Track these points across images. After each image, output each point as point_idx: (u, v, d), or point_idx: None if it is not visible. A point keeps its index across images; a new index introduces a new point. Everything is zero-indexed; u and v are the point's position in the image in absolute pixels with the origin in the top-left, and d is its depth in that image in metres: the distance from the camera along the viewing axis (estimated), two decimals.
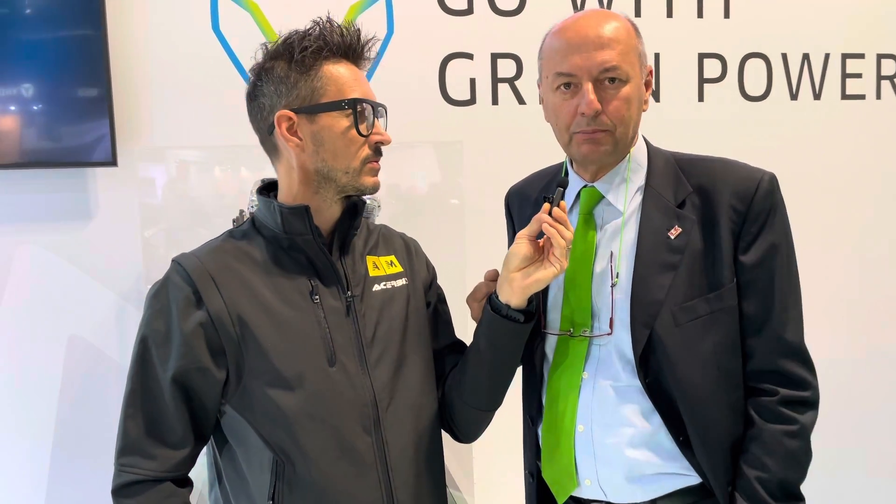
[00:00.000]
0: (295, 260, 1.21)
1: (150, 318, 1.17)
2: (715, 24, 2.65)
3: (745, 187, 1.25)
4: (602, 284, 1.28)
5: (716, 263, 1.23)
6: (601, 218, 1.32)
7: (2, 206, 2.13)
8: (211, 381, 1.16)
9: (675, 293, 1.22)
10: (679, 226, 1.25)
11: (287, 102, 1.18)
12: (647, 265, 1.24)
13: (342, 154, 1.19)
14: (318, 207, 1.22)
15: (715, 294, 1.23)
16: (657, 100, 2.63)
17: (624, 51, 1.21)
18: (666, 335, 1.22)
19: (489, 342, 1.28)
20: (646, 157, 1.32)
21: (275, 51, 1.20)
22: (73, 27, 2.09)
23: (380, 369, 1.23)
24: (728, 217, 1.23)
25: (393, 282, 1.30)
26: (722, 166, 1.30)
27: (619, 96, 1.21)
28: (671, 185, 1.28)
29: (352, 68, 1.22)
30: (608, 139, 1.24)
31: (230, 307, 1.15)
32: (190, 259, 1.19)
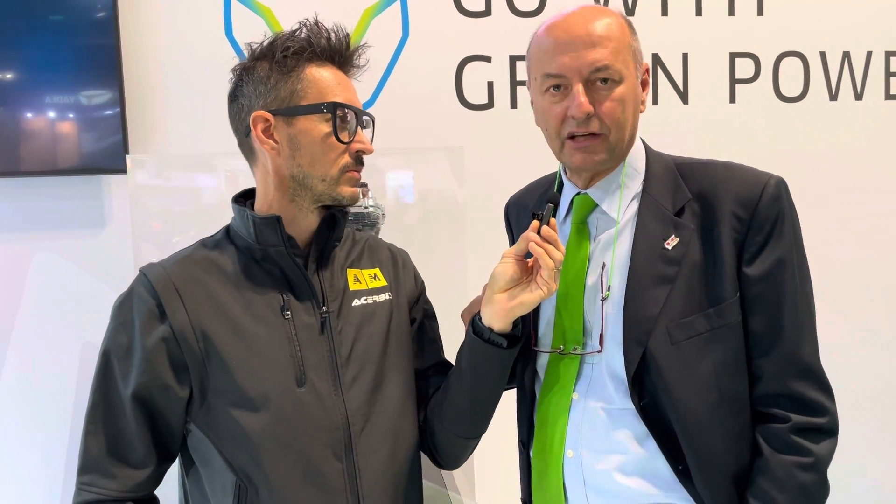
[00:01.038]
0: (268, 272, 1.16)
1: (112, 331, 1.13)
2: (747, 21, 2.53)
3: (748, 193, 1.14)
4: (594, 299, 1.19)
5: (717, 276, 1.14)
6: (595, 227, 1.23)
7: (17, 213, 2.15)
8: (173, 399, 1.11)
9: (671, 308, 1.13)
10: (676, 235, 1.16)
11: (265, 103, 1.13)
12: (641, 278, 1.15)
13: (319, 160, 1.13)
14: (294, 217, 1.16)
15: (715, 309, 1.13)
16: (685, 101, 2.52)
17: (616, 48, 1.13)
18: (661, 354, 1.12)
19: (470, 366, 1.21)
20: (643, 161, 1.23)
21: (259, 51, 1.16)
22: (88, 36, 2.10)
23: (355, 390, 1.16)
24: (730, 225, 1.14)
25: (375, 296, 1.23)
26: (724, 171, 1.19)
27: (613, 97, 1.13)
28: (669, 192, 1.19)
29: (337, 73, 1.16)
30: (602, 146, 1.16)
31: (194, 322, 1.10)
32: (155, 270, 1.14)
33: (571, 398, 1.19)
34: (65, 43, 2.09)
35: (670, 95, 2.51)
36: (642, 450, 1.15)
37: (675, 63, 2.51)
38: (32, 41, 2.08)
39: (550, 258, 1.11)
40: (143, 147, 2.18)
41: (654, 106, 2.51)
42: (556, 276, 1.13)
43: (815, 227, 2.21)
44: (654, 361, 1.13)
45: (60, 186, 2.15)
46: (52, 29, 2.09)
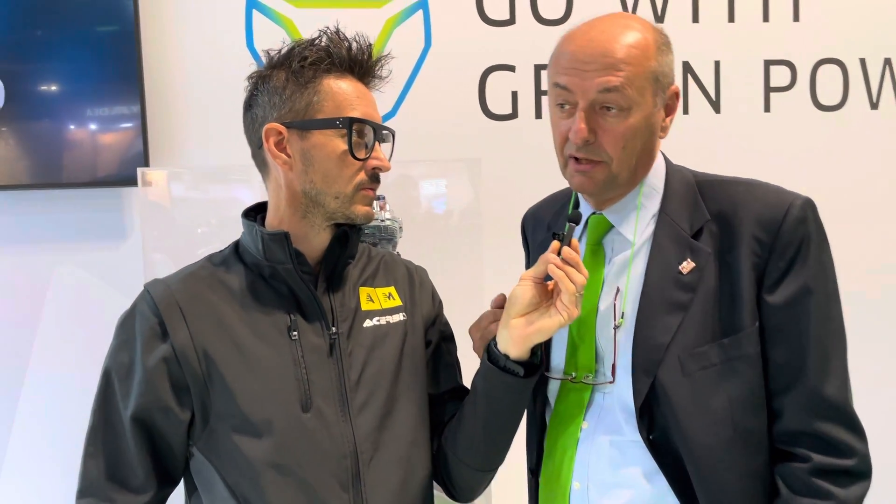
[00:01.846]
0: (275, 291, 1.11)
1: (114, 350, 1.09)
2: (783, 27, 2.44)
3: (770, 214, 1.07)
4: (607, 325, 1.12)
5: (734, 303, 1.06)
6: (611, 248, 1.16)
7: (38, 225, 2.16)
8: (174, 422, 1.07)
9: (683, 337, 1.06)
10: (692, 259, 1.09)
11: (279, 115, 1.08)
12: (653, 303, 1.09)
13: (333, 177, 1.08)
14: (305, 234, 1.11)
15: (732, 339, 1.06)
16: (717, 111, 2.44)
17: (633, 74, 1.04)
18: (671, 385, 1.06)
19: (485, 395, 1.14)
20: (663, 179, 1.16)
21: (276, 59, 1.11)
22: (109, 48, 2.09)
23: (364, 416, 1.10)
24: (750, 249, 1.06)
25: (388, 317, 1.17)
26: (746, 190, 1.12)
27: (619, 128, 1.06)
28: (687, 212, 1.12)
29: (357, 85, 1.11)
30: (602, 173, 1.09)
31: (196, 341, 1.06)
32: (159, 287, 1.10)
33: (581, 428, 1.13)
34: (85, 54, 2.09)
35: (702, 105, 2.43)
36: (651, 486, 1.08)
37: (706, 71, 2.43)
38: (53, 53, 2.08)
39: (572, 281, 1.04)
40: (164, 159, 2.17)
41: (684, 115, 2.43)
42: (579, 301, 1.06)
43: (854, 245, 2.14)
44: (665, 393, 1.06)
45: (81, 199, 2.15)
46: (73, 40, 2.09)
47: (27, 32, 2.07)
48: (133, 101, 2.10)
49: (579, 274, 1.05)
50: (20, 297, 2.17)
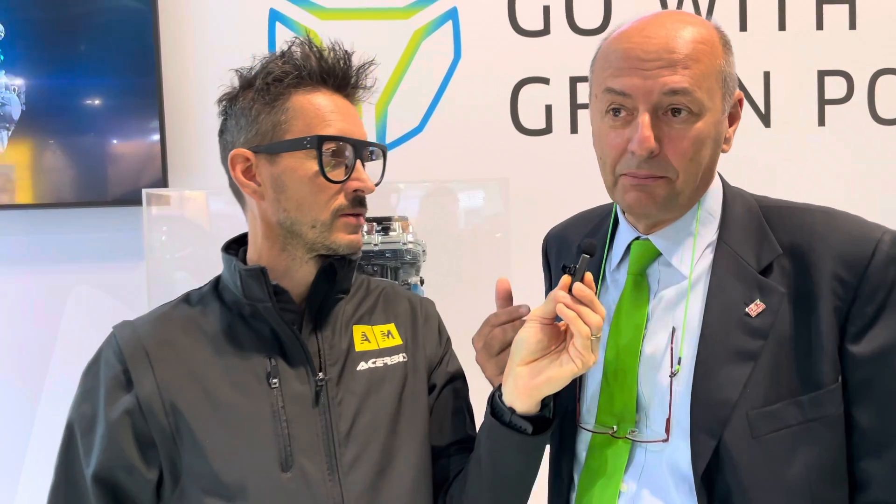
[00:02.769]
0: (256, 333, 0.99)
1: (77, 400, 0.99)
2: (838, 36, 2.28)
3: (855, 251, 0.92)
4: (652, 370, 0.97)
5: (812, 354, 0.91)
6: (657, 281, 1.01)
7: (57, 244, 2.11)
8: (140, 481, 0.95)
9: (753, 392, 0.91)
10: (762, 300, 0.93)
11: (247, 139, 0.98)
12: (716, 351, 0.93)
13: (308, 204, 0.97)
14: (287, 268, 1.00)
15: (811, 397, 0.91)
16: (767, 125, 2.28)
17: (703, 73, 0.90)
18: (738, 449, 0.90)
19: (489, 453, 1.01)
20: (720, 203, 1.00)
21: (245, 79, 1.00)
22: (128, 62, 2.04)
23: (356, 474, 0.97)
24: (831, 291, 0.91)
25: (386, 358, 1.05)
26: (825, 220, 0.96)
27: (688, 135, 0.90)
28: (753, 243, 0.97)
29: (333, 99, 0.99)
30: (664, 189, 0.93)
31: (163, 392, 0.95)
32: (126, 330, 0.99)
33: (620, 489, 0.97)
34: (104, 69, 2.04)
35: (750, 118, 2.28)
36: None
37: (755, 83, 2.28)
38: (72, 69, 2.03)
39: (586, 323, 0.90)
40: (183, 176, 2.10)
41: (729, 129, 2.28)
42: (595, 346, 0.92)
43: None
44: (730, 458, 0.90)
45: (101, 217, 2.09)
46: (93, 56, 2.04)
47: (48, 48, 2.02)
48: (152, 117, 2.04)
49: (595, 314, 0.91)
50: (37, 316, 2.12)
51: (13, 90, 2.00)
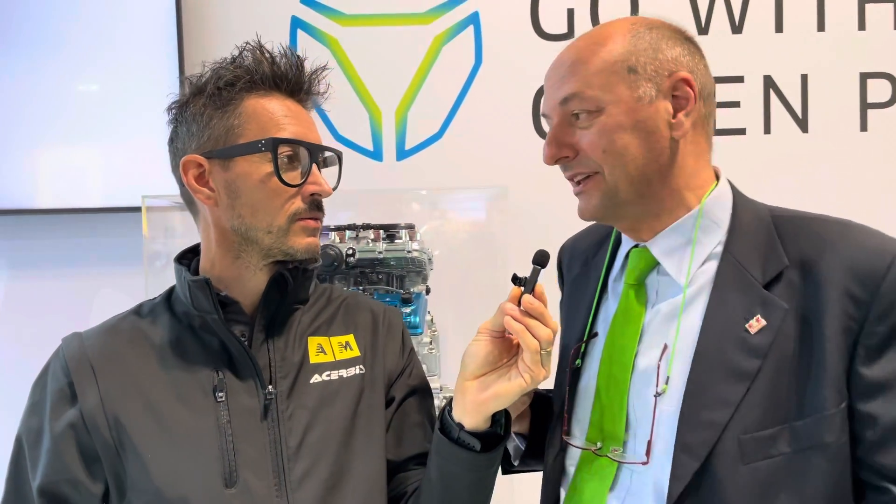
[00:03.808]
0: (205, 345, 0.97)
1: (26, 413, 0.97)
2: (882, 36, 2.16)
3: (869, 264, 0.85)
4: (643, 388, 0.92)
5: (815, 376, 0.84)
6: (655, 292, 0.96)
7: (81, 248, 2.16)
8: (85, 495, 0.93)
9: (747, 415, 0.84)
10: (763, 316, 0.87)
11: (199, 145, 0.96)
12: (710, 369, 0.87)
13: (263, 208, 0.94)
14: (239, 276, 0.98)
15: (807, 422, 0.84)
16: (804, 130, 2.18)
17: (592, 72, 0.90)
18: (726, 475, 0.83)
19: (438, 470, 0.98)
20: (728, 212, 0.94)
21: (195, 85, 0.98)
22: (151, 66, 2.08)
23: (304, 490, 0.94)
24: (841, 308, 0.84)
25: (342, 370, 1.01)
26: (840, 231, 0.89)
27: (593, 130, 0.90)
28: (760, 255, 0.90)
29: (287, 104, 0.98)
30: (597, 187, 0.92)
31: (107, 406, 0.93)
32: (73, 343, 0.97)
33: None
34: (128, 76, 2.08)
35: (786, 123, 2.18)
36: None
37: (792, 86, 2.18)
38: (95, 77, 2.08)
39: (535, 337, 0.87)
40: None
41: (765, 135, 2.18)
42: (546, 360, 0.89)
43: None
44: (716, 483, 0.84)
45: (127, 222, 2.12)
46: (118, 63, 2.09)
47: (73, 57, 2.08)
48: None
49: (545, 327, 0.88)
50: (63, 320, 2.16)
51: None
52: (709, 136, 0.96)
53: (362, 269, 1.60)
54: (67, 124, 2.09)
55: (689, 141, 0.93)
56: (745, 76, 2.18)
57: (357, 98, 2.17)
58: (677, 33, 0.94)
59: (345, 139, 2.17)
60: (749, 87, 2.18)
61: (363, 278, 1.60)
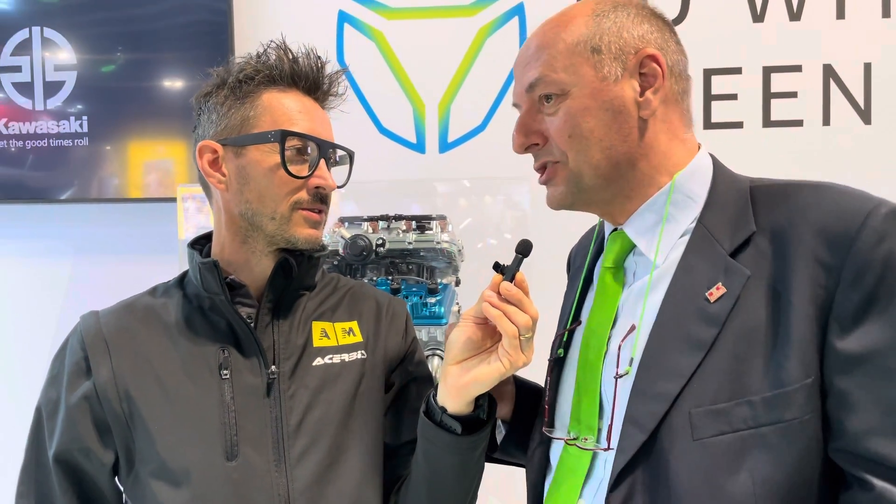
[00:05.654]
0: (213, 325, 1.02)
1: (46, 385, 1.04)
2: None
3: (839, 226, 0.78)
4: (609, 372, 0.90)
5: (779, 348, 0.78)
6: (632, 274, 0.94)
7: (123, 236, 2.26)
8: (97, 464, 0.99)
9: (700, 387, 0.79)
10: (724, 283, 0.82)
11: (216, 132, 1.01)
12: (666, 340, 0.83)
13: (268, 196, 0.99)
14: (246, 260, 1.03)
15: (768, 397, 0.77)
16: (867, 121, 2.07)
17: (554, 55, 0.89)
18: (673, 449, 0.79)
19: (424, 453, 0.99)
20: (706, 186, 0.91)
21: (218, 77, 1.04)
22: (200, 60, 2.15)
23: (303, 467, 0.97)
24: (809, 275, 0.78)
25: (344, 355, 1.05)
26: (811, 192, 0.83)
27: (559, 115, 0.89)
28: (730, 224, 0.86)
29: (303, 101, 1.02)
30: (560, 176, 0.91)
31: (119, 379, 0.98)
32: (89, 319, 1.04)
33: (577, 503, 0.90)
34: (179, 71, 2.17)
35: (847, 114, 2.08)
36: None
37: (854, 75, 2.08)
38: (146, 72, 2.17)
39: (512, 322, 0.87)
40: None
41: (824, 127, 2.09)
42: (527, 346, 0.89)
43: None
44: (664, 460, 0.79)
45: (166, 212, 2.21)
46: (168, 60, 2.17)
47: (126, 53, 2.18)
48: None
49: (523, 314, 0.88)
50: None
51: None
52: (684, 114, 0.92)
53: (392, 260, 1.62)
54: (128, 118, 2.19)
55: (660, 119, 0.90)
56: (804, 65, 2.08)
57: (401, 91, 2.19)
58: (644, 10, 0.91)
59: (388, 132, 2.20)
60: (807, 77, 2.09)
61: (394, 268, 1.62)
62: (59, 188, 2.25)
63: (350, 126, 1.96)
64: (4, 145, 2.26)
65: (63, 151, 2.23)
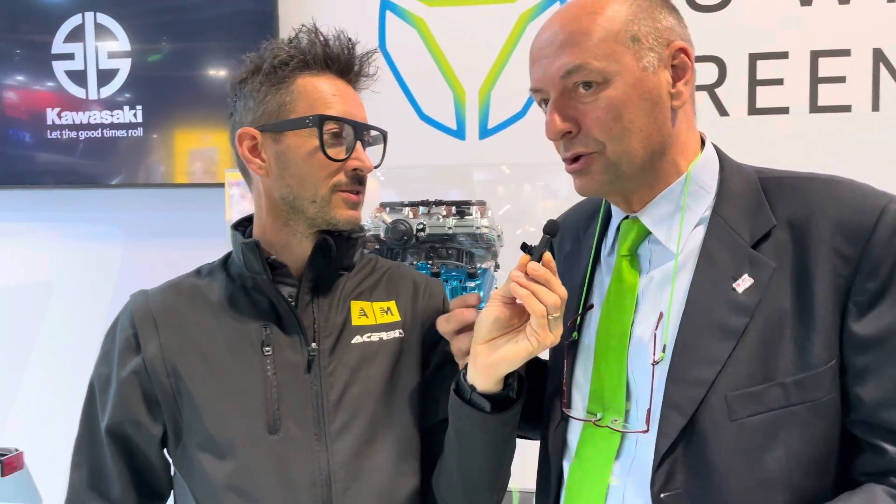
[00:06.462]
0: (255, 304, 1.05)
1: (98, 361, 1.08)
2: None
3: (856, 221, 0.85)
4: (640, 358, 0.92)
5: (805, 334, 0.85)
6: (648, 261, 0.96)
7: (173, 221, 2.32)
8: (146, 436, 1.04)
9: (734, 372, 0.85)
10: (751, 274, 0.87)
11: (254, 119, 1.03)
12: (698, 328, 0.88)
13: (308, 179, 1.01)
14: (287, 242, 1.05)
15: (798, 379, 0.84)
16: None
17: (595, 42, 0.88)
18: (712, 430, 0.85)
19: (454, 431, 1.01)
20: (715, 176, 0.95)
21: (252, 63, 1.05)
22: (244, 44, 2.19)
23: (343, 441, 1.00)
24: (830, 266, 0.85)
25: (382, 333, 1.07)
26: (825, 188, 0.89)
27: (599, 104, 0.88)
28: (747, 216, 0.91)
29: (336, 84, 1.03)
30: (597, 163, 0.91)
31: (166, 355, 1.02)
32: (138, 298, 1.08)
33: (608, 483, 0.93)
34: (224, 60, 2.22)
35: None
36: None
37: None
38: (193, 60, 2.22)
39: (541, 301, 0.88)
40: None
41: (874, 112, 2.05)
42: (555, 325, 0.90)
43: None
44: (703, 441, 0.85)
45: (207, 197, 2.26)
46: (214, 50, 2.22)
47: (169, 43, 2.23)
48: None
49: (551, 293, 0.89)
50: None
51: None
52: (694, 105, 0.96)
53: (432, 244, 1.64)
54: (179, 107, 2.25)
55: (682, 110, 0.93)
56: (852, 49, 2.04)
57: (442, 77, 2.21)
58: (667, 2, 0.93)
59: (429, 118, 2.22)
60: (856, 62, 2.05)
61: (434, 253, 1.64)
62: (111, 174, 2.33)
63: (390, 112, 2.00)
64: (58, 135, 2.34)
65: (117, 141, 2.30)
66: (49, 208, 2.44)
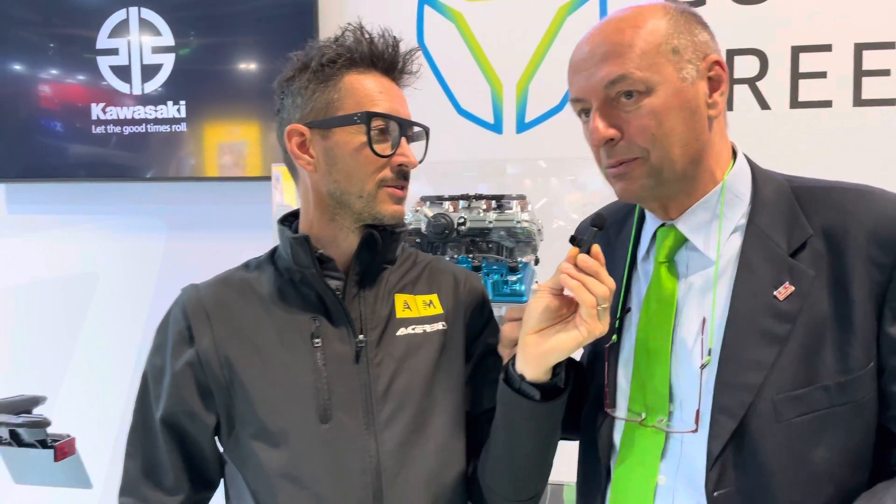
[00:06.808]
0: (304, 296, 1.08)
1: (151, 353, 1.11)
2: None
3: (890, 231, 0.90)
4: (684, 361, 0.96)
5: (844, 339, 0.90)
6: (685, 266, 0.99)
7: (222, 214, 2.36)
8: (200, 426, 1.07)
9: (780, 376, 0.89)
10: (791, 283, 0.92)
11: (302, 116, 1.06)
12: (742, 335, 0.92)
13: (355, 175, 1.04)
14: (334, 237, 1.08)
15: (840, 382, 0.89)
16: None
17: (639, 54, 0.92)
18: (761, 432, 0.89)
19: (503, 420, 1.03)
20: (749, 185, 0.98)
21: (300, 61, 1.08)
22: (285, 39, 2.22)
23: (391, 430, 1.03)
24: (866, 273, 0.90)
25: (426, 326, 1.10)
26: (857, 198, 0.94)
27: (642, 112, 0.92)
28: (783, 225, 0.95)
29: (382, 81, 1.06)
30: (641, 170, 0.94)
31: (220, 347, 1.05)
32: (190, 291, 1.10)
33: (657, 482, 0.95)
34: (264, 54, 2.25)
35: None
36: None
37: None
38: (234, 59, 2.25)
39: (591, 293, 0.91)
40: None
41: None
42: (603, 315, 0.93)
43: None
44: (753, 442, 0.89)
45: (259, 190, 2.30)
46: (253, 44, 2.25)
47: (216, 37, 2.26)
48: None
49: (601, 284, 0.92)
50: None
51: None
52: (726, 116, 1.00)
53: (473, 238, 1.66)
54: (222, 101, 2.28)
55: (717, 120, 0.96)
56: None
57: (480, 71, 2.21)
58: (699, 17, 0.98)
59: (466, 112, 2.23)
60: None
61: (474, 247, 1.65)
62: (154, 168, 2.37)
63: (428, 106, 2.00)
64: (102, 130, 2.39)
65: (161, 136, 2.35)
66: (93, 201, 2.50)
